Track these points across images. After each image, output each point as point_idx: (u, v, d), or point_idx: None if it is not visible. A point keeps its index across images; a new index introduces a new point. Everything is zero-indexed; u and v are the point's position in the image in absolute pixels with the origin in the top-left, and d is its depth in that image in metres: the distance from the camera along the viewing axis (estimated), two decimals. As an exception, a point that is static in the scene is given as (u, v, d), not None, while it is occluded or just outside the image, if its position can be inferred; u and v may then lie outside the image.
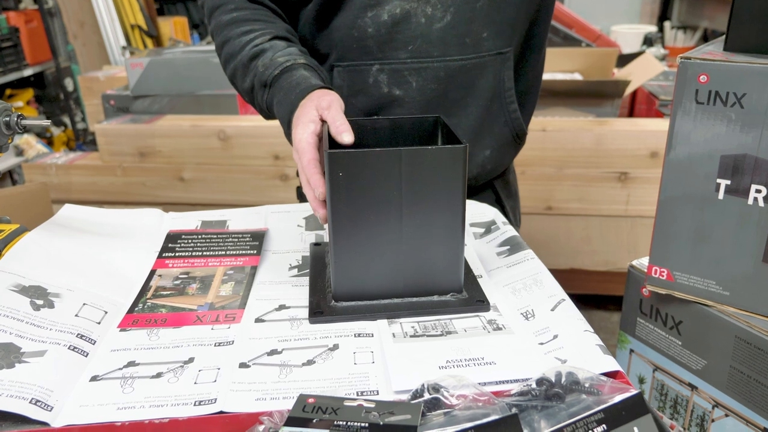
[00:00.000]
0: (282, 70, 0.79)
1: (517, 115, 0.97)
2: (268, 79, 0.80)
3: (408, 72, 0.87)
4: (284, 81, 0.79)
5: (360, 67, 0.88)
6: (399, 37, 0.86)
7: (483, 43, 0.88)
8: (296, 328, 0.64)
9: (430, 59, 0.86)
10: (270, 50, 0.81)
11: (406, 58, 0.86)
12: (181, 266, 0.77)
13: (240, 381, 0.56)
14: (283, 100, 0.78)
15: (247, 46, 0.83)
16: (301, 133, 0.70)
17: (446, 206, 0.65)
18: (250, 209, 0.91)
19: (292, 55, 0.81)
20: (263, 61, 0.81)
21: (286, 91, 0.78)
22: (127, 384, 0.56)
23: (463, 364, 0.57)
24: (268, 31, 0.84)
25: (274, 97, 0.80)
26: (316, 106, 0.71)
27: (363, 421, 0.46)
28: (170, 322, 0.66)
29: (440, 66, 0.87)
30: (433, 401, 0.49)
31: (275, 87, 0.80)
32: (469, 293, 0.68)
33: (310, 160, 0.67)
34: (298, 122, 0.71)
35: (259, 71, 0.81)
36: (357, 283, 0.67)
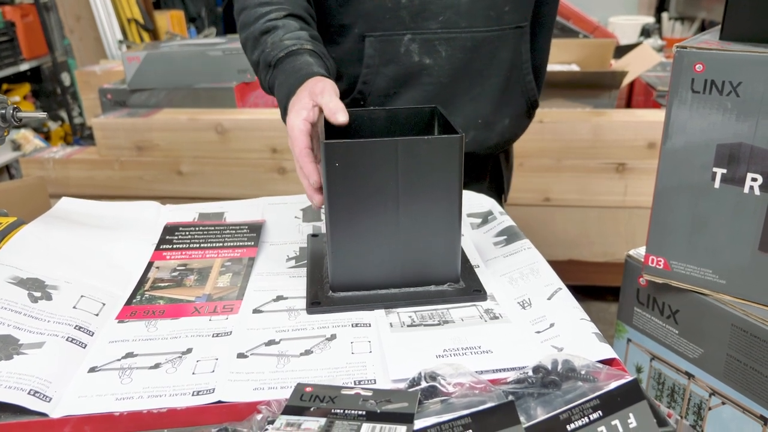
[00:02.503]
0: (287, 53, 0.80)
1: (532, 86, 1.03)
2: (272, 60, 0.81)
3: (438, 42, 0.91)
4: (287, 64, 0.79)
5: (392, 37, 0.91)
6: (431, 7, 0.89)
7: (505, 16, 0.92)
8: (294, 318, 0.64)
9: (458, 30, 0.90)
10: (281, 29, 0.82)
11: (437, 29, 0.90)
12: (178, 258, 0.77)
13: (238, 371, 0.56)
14: (283, 83, 0.78)
15: (261, 20, 0.84)
16: (293, 119, 0.70)
17: (443, 196, 0.65)
18: (248, 201, 0.91)
19: (300, 39, 0.82)
20: (272, 39, 0.82)
21: (288, 74, 0.78)
22: (126, 375, 0.57)
23: (460, 353, 0.57)
24: (284, 7, 0.85)
25: (276, 78, 0.80)
26: (310, 92, 0.72)
27: (360, 409, 0.46)
28: (168, 314, 0.66)
29: (467, 37, 0.91)
30: (430, 389, 0.50)
31: (278, 69, 0.80)
32: (466, 283, 0.69)
33: (303, 149, 0.68)
34: (292, 108, 0.72)
35: (266, 50, 0.82)
36: (354, 274, 0.67)
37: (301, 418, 0.45)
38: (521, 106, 1.02)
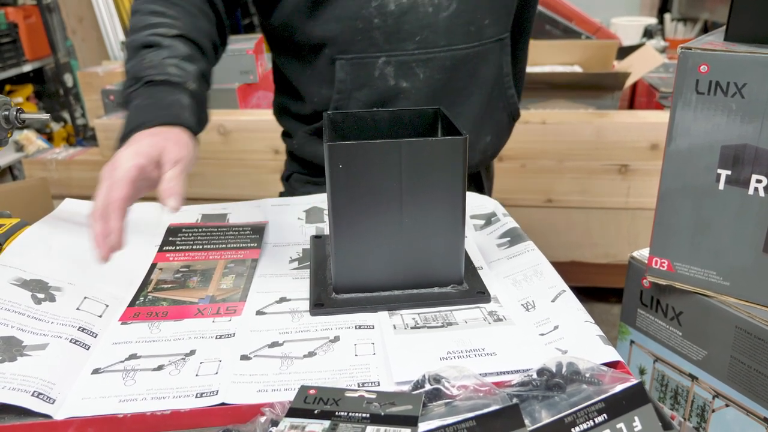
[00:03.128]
0: (164, 81, 0.70)
1: (514, 100, 0.99)
2: (145, 77, 0.70)
3: (416, 63, 0.86)
4: (159, 92, 0.69)
5: (365, 60, 0.85)
6: (406, 27, 0.83)
7: (485, 30, 0.87)
8: (297, 320, 0.64)
9: (436, 49, 0.85)
10: (166, 49, 0.72)
11: (414, 50, 0.85)
12: (181, 259, 0.77)
13: (241, 373, 0.56)
14: (143, 109, 0.68)
15: (147, 31, 0.74)
16: (128, 158, 0.61)
17: (446, 198, 0.64)
18: (251, 202, 0.91)
19: (186, 72, 0.71)
20: (153, 56, 0.71)
21: (154, 103, 0.68)
22: (129, 376, 0.57)
23: (463, 355, 0.57)
24: (178, 24, 0.75)
25: (138, 97, 0.69)
26: (164, 147, 0.64)
27: (364, 411, 0.46)
28: (171, 315, 0.66)
29: (447, 56, 0.86)
30: (434, 392, 0.49)
31: (146, 89, 0.70)
32: (469, 285, 0.68)
33: (120, 199, 0.60)
34: (135, 142, 0.63)
35: (144, 64, 0.71)
36: (357, 275, 0.67)
37: (305, 421, 0.45)
38: (503, 121, 0.98)
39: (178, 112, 0.68)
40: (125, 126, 0.67)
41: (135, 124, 0.66)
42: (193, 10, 0.78)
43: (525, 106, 1.89)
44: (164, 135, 0.64)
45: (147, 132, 0.65)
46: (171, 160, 0.63)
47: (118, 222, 0.60)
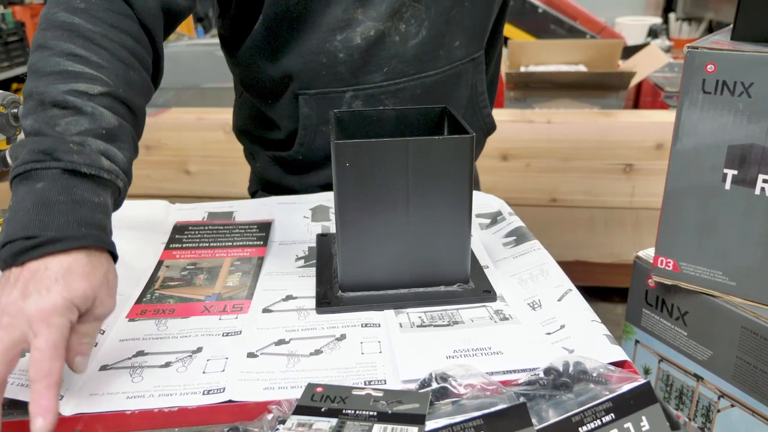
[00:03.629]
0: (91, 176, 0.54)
1: (490, 119, 0.96)
2: (65, 161, 0.52)
3: (384, 95, 0.82)
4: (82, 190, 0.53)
5: (330, 95, 0.81)
6: (373, 60, 0.79)
7: (455, 52, 0.84)
8: (303, 318, 0.65)
9: (405, 78, 0.81)
10: (86, 118, 0.55)
11: (381, 81, 0.81)
12: (188, 257, 0.77)
13: (248, 370, 0.56)
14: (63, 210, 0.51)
15: (62, 82, 0.56)
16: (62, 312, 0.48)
17: (453, 196, 0.65)
18: (257, 200, 0.92)
19: (115, 165, 0.56)
20: (70, 126, 0.54)
21: (76, 204, 0.52)
22: (137, 373, 0.57)
23: (470, 354, 0.57)
24: (104, 78, 0.57)
25: (51, 184, 0.51)
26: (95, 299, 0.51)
27: (371, 409, 0.46)
28: (178, 313, 0.66)
29: (416, 84, 0.82)
30: (441, 390, 0.50)
31: (64, 178, 0.52)
32: (475, 283, 0.68)
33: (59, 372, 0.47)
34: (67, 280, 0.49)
35: (63, 137, 0.54)
36: (363, 274, 0.67)
37: (312, 418, 0.45)
38: (478, 139, 0.93)
39: (106, 231, 0.54)
40: (27, 224, 0.49)
41: (51, 234, 0.49)
42: (122, 53, 0.60)
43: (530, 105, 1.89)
44: (96, 277, 0.51)
45: (73, 261, 0.49)
46: (99, 315, 0.52)
47: (55, 400, 0.47)
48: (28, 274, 0.49)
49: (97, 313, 0.52)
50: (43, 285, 0.48)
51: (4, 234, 0.50)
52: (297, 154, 0.86)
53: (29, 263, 0.49)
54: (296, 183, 0.90)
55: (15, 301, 0.47)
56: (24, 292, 0.48)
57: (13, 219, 0.51)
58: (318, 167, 0.86)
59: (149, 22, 0.64)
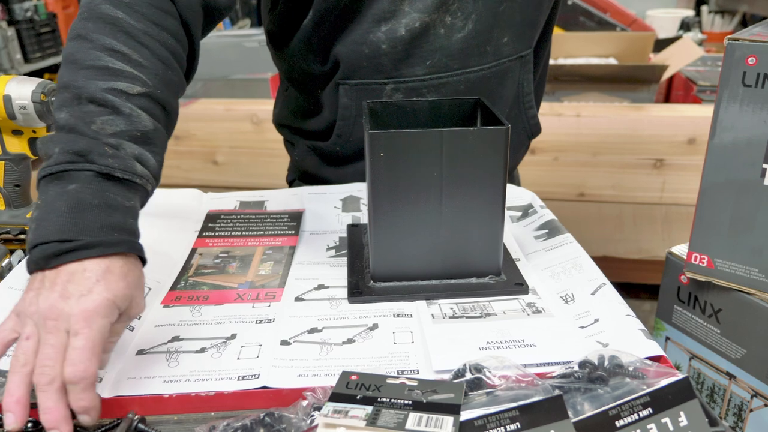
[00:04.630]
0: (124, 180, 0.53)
1: (535, 120, 0.94)
2: (100, 165, 0.52)
3: (426, 89, 0.80)
4: (116, 193, 0.53)
5: (371, 86, 0.80)
6: (416, 52, 0.78)
7: (503, 48, 0.81)
8: (335, 307, 0.65)
9: (449, 73, 0.79)
10: (124, 119, 0.55)
11: (424, 75, 0.79)
12: (221, 245, 0.78)
13: (282, 357, 0.57)
14: (96, 215, 0.51)
15: (101, 78, 0.55)
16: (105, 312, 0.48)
17: (487, 188, 0.64)
18: (288, 190, 0.92)
19: (148, 170, 0.56)
20: (106, 125, 0.54)
21: (110, 209, 0.52)
22: (172, 358, 0.58)
23: (503, 346, 0.57)
24: (144, 77, 0.57)
25: (85, 186, 0.51)
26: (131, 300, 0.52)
27: (406, 398, 0.47)
28: (212, 300, 0.67)
29: (460, 79, 0.80)
30: (475, 381, 0.50)
31: (98, 181, 0.52)
32: (507, 276, 0.68)
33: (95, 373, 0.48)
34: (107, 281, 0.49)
35: (90, 129, 0.53)
36: (396, 264, 0.67)
37: (348, 406, 0.46)
38: (522, 142, 0.93)
39: (136, 235, 0.54)
40: (62, 227, 0.49)
41: (87, 239, 0.49)
42: (162, 52, 0.59)
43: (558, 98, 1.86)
44: (132, 279, 0.51)
45: (111, 263, 0.50)
46: (132, 315, 0.53)
47: (95, 397, 0.48)
48: (66, 276, 0.48)
49: (130, 314, 0.52)
50: (83, 286, 0.48)
51: (35, 235, 0.50)
52: (335, 145, 0.85)
53: (65, 266, 0.49)
54: (332, 174, 0.90)
55: (55, 304, 0.47)
56: (63, 294, 0.48)
57: (45, 220, 0.50)
58: (354, 159, 0.86)
59: (190, 19, 0.64)
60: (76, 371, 0.46)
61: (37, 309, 0.48)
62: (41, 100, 0.71)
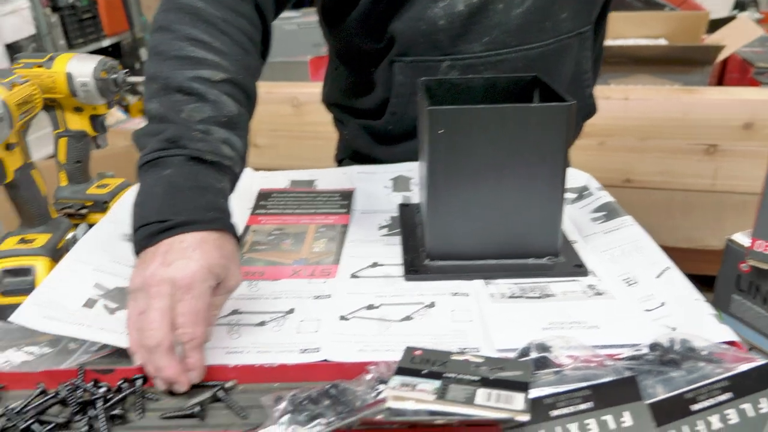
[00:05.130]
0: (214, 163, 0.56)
1: (591, 100, 0.92)
2: (191, 149, 0.55)
3: (483, 66, 0.78)
4: (207, 176, 0.55)
5: (427, 63, 0.79)
6: (474, 28, 0.76)
7: (562, 24, 0.79)
8: (391, 285, 0.65)
9: (507, 50, 0.78)
10: (210, 105, 0.57)
11: (481, 52, 0.77)
12: (273, 223, 0.78)
13: (341, 332, 0.57)
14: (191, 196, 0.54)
15: (186, 68, 0.58)
16: (203, 279, 0.50)
17: (547, 167, 0.63)
18: (337, 169, 0.92)
19: (236, 152, 0.58)
20: (194, 112, 0.56)
21: (202, 190, 0.55)
22: (234, 330, 0.58)
23: (566, 327, 0.56)
24: (225, 64, 0.59)
25: (178, 170, 0.54)
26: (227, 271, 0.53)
27: (473, 374, 0.46)
28: (268, 275, 0.67)
29: (518, 56, 0.78)
30: (542, 360, 0.49)
31: (189, 165, 0.55)
32: (565, 257, 0.67)
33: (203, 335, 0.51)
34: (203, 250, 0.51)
35: (187, 125, 0.56)
36: (452, 243, 0.66)
37: (415, 379, 0.45)
38: (576, 124, 0.90)
39: (229, 214, 0.56)
40: (159, 209, 0.53)
41: (183, 218, 0.52)
42: (241, 38, 0.62)
43: (606, 81, 1.82)
44: (227, 251, 0.54)
45: (206, 235, 0.52)
46: (229, 288, 0.54)
47: (201, 358, 0.51)
48: (165, 248, 0.51)
49: (228, 286, 0.54)
50: (182, 254, 0.51)
51: (136, 219, 0.54)
52: (387, 124, 0.85)
53: (164, 240, 0.52)
54: (383, 153, 0.90)
55: (156, 271, 0.50)
56: (164, 262, 0.51)
57: (145, 204, 0.54)
58: (407, 138, 0.85)
59: (263, 3, 0.66)
60: (185, 333, 0.49)
61: (142, 280, 0.51)
62: (102, 78, 0.72)
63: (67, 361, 0.56)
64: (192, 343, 0.50)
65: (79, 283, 0.61)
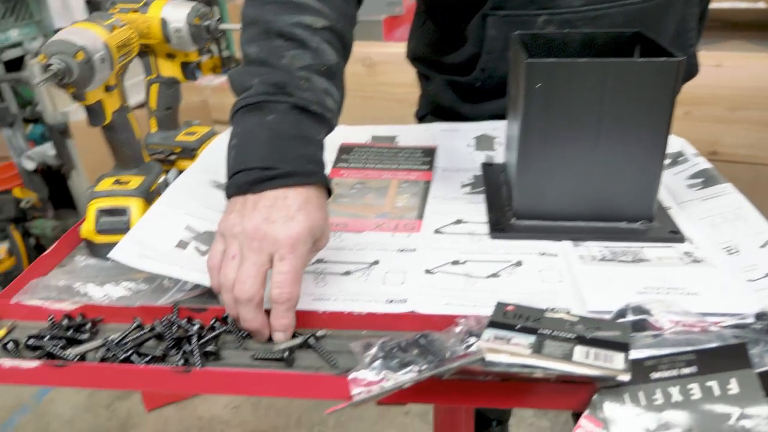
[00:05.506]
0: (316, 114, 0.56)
1: (694, 60, 0.87)
2: (296, 97, 0.54)
3: (581, 22, 0.75)
4: (309, 127, 0.55)
5: (522, 18, 0.75)
6: None
7: None
8: (476, 242, 0.64)
9: (607, 4, 0.74)
10: (310, 53, 0.56)
11: (579, 6, 0.74)
12: (355, 176, 0.78)
13: (427, 286, 0.57)
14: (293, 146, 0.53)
15: (287, 13, 0.57)
16: (305, 240, 0.51)
17: (650, 126, 0.60)
18: (419, 126, 0.91)
19: (336, 104, 0.59)
20: (295, 60, 0.56)
21: (303, 141, 0.54)
22: (320, 278, 0.59)
23: (662, 292, 0.54)
24: (326, 11, 0.59)
25: (282, 117, 0.54)
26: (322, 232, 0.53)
27: (569, 332, 0.45)
28: (351, 227, 0.68)
29: (618, 11, 0.75)
30: (639, 323, 0.47)
31: (293, 113, 0.54)
32: (660, 223, 0.64)
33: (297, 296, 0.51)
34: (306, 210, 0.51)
35: (281, 62, 0.55)
36: (541, 202, 0.64)
37: (509, 333, 0.45)
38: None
39: (324, 170, 0.56)
40: (263, 155, 0.52)
41: (287, 168, 0.52)
42: None
43: (696, 47, 1.71)
44: (325, 212, 0.54)
45: (309, 194, 0.52)
46: (319, 247, 0.54)
47: (293, 318, 0.51)
48: (268, 202, 0.51)
49: (320, 245, 0.54)
50: (286, 213, 0.50)
51: (236, 161, 0.53)
52: (476, 80, 0.83)
53: (267, 191, 0.51)
54: (469, 110, 0.88)
55: (261, 226, 0.50)
56: (268, 218, 0.50)
57: (245, 147, 0.53)
58: (495, 95, 0.83)
59: None
60: (282, 293, 0.49)
61: (242, 229, 0.51)
62: (195, 24, 0.73)
63: (162, 298, 0.58)
64: (288, 303, 0.50)
65: (171, 225, 0.63)
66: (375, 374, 0.45)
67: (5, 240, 1.98)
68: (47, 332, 0.55)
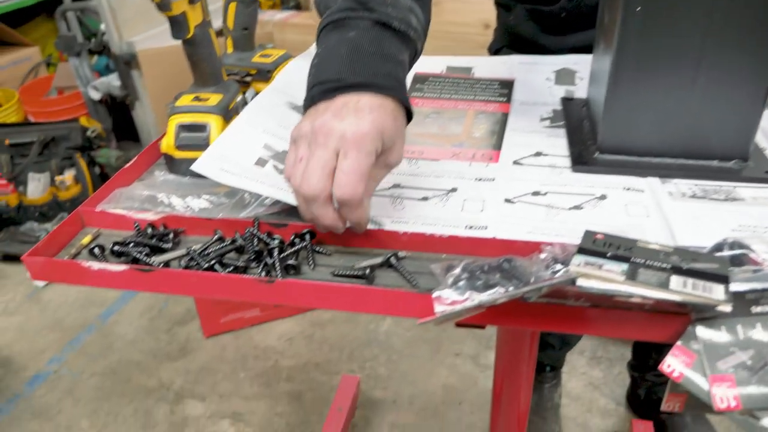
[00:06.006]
0: (400, 32, 0.54)
1: None
2: (379, 13, 0.53)
3: None
4: (391, 45, 0.53)
5: None
6: None
7: None
8: (558, 175, 0.62)
9: None
10: None
11: None
12: (430, 106, 0.77)
13: (508, 214, 0.56)
14: (374, 61, 0.52)
15: None
16: (373, 140, 0.48)
17: (756, 59, 0.56)
18: (496, 58, 0.88)
19: (420, 25, 0.57)
20: None
21: (385, 58, 0.52)
22: (397, 202, 0.59)
23: (759, 231, 0.51)
24: None
25: (364, 33, 0.53)
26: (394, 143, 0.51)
27: (663, 261, 0.43)
28: (427, 155, 0.67)
29: None
30: (738, 257, 0.45)
31: (376, 30, 0.53)
32: (754, 163, 0.61)
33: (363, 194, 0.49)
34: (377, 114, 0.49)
35: None
36: (628, 137, 0.62)
37: (600, 260, 0.44)
38: None
39: (405, 89, 0.54)
40: (340, 69, 0.51)
41: (363, 76, 0.51)
42: None
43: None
44: (399, 123, 0.52)
45: (384, 102, 0.50)
46: (390, 163, 0.52)
47: (364, 212, 0.51)
48: (340, 103, 0.50)
49: (390, 160, 0.52)
50: (356, 112, 0.49)
51: (314, 77, 0.53)
52: (561, 10, 0.79)
53: (340, 96, 0.50)
54: (550, 42, 0.84)
55: (328, 122, 0.49)
56: (337, 115, 0.49)
57: (325, 62, 0.53)
58: (579, 27, 0.79)
59: None
60: (344, 194, 0.48)
61: (311, 128, 0.50)
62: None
63: (243, 212, 0.59)
64: (353, 202, 0.48)
65: (250, 143, 0.63)
66: (459, 294, 0.45)
67: (72, 167, 2.06)
68: (132, 239, 0.57)
